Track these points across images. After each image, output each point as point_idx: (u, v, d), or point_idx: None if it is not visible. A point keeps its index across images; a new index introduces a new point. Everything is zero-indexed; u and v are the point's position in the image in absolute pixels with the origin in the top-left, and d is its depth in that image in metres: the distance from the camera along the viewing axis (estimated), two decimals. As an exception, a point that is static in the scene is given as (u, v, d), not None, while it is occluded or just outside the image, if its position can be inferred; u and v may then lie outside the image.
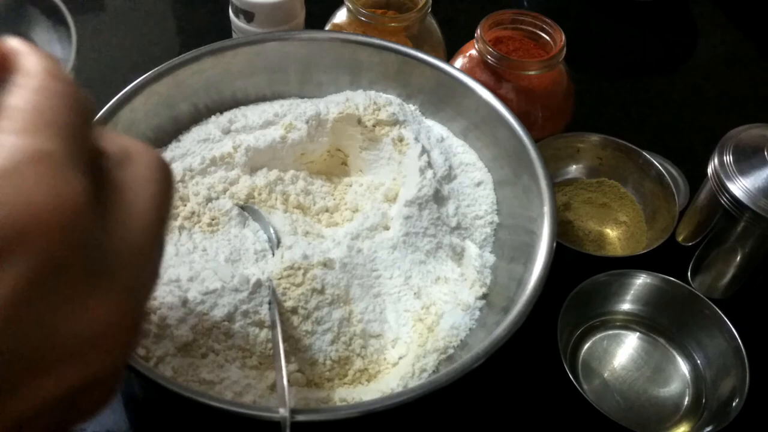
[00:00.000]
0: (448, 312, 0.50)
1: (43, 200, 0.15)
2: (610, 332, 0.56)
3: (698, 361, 0.54)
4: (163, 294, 0.48)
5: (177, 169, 0.55)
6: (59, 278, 0.16)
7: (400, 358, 0.48)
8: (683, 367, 0.54)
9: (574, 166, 0.65)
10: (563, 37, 0.62)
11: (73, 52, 0.50)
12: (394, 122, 0.58)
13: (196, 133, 0.58)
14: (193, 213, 0.53)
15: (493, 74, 0.62)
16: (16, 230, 0.15)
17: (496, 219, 0.56)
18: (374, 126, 0.58)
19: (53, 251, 0.16)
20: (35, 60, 0.19)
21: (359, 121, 0.58)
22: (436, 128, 0.61)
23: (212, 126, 0.58)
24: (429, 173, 0.54)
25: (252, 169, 0.56)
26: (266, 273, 0.49)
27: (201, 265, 0.50)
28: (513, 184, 0.55)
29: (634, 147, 0.63)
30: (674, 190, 0.60)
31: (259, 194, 0.55)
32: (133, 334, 0.18)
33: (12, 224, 0.15)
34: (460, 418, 0.51)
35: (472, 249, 0.53)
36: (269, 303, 0.48)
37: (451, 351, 0.48)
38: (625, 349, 0.55)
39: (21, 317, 0.15)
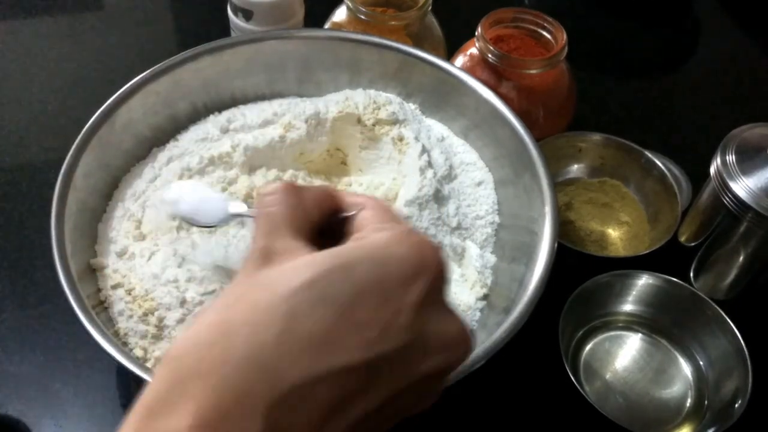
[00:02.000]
0: (448, 313, 0.49)
1: (429, 249, 0.26)
2: (612, 333, 0.56)
3: (701, 363, 0.54)
4: (161, 294, 0.47)
5: (175, 168, 0.54)
6: (436, 296, 0.25)
7: (400, 359, 0.48)
8: (685, 368, 0.54)
9: (576, 166, 0.65)
10: (564, 36, 0.62)
11: None
12: (394, 121, 0.57)
13: (195, 132, 0.57)
14: (191, 213, 0.52)
15: (494, 73, 0.62)
16: (420, 260, 0.25)
17: (496, 219, 0.55)
18: (374, 125, 0.57)
19: (435, 279, 0.25)
20: (363, 197, 0.30)
21: (359, 121, 0.58)
22: (436, 127, 0.60)
23: (210, 125, 0.58)
24: (429, 173, 0.54)
25: (251, 169, 0.56)
26: (265, 273, 0.49)
27: (199, 265, 0.49)
28: (514, 184, 0.54)
29: (636, 146, 0.63)
30: (677, 190, 0.60)
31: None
32: (468, 348, 0.26)
33: (417, 260, 0.25)
34: (461, 420, 0.51)
35: (472, 249, 0.53)
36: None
37: (451, 352, 0.48)
38: (627, 350, 0.55)
39: (419, 312, 0.24)
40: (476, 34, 0.62)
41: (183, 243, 0.51)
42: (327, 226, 0.30)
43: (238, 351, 0.22)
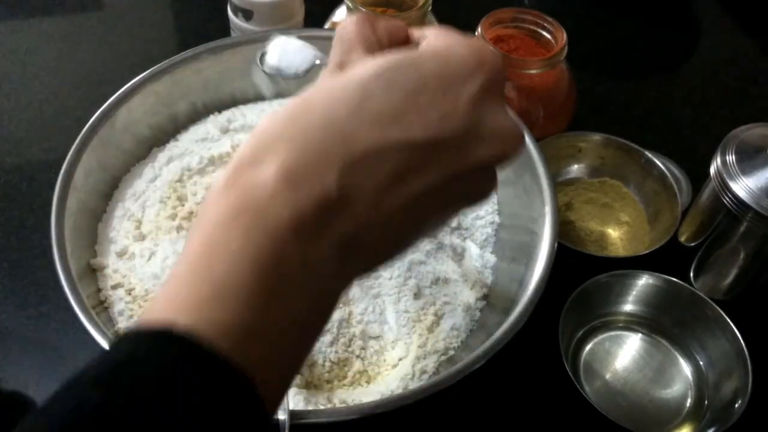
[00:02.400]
0: (448, 313, 0.49)
1: (488, 52, 0.28)
2: (612, 333, 0.56)
3: (700, 363, 0.54)
4: (161, 295, 0.47)
5: (175, 168, 0.55)
6: (492, 93, 0.28)
7: (399, 359, 0.48)
8: (685, 368, 0.54)
9: (576, 166, 0.65)
10: (564, 36, 0.62)
11: None
12: (394, 121, 0.57)
13: (195, 132, 0.57)
14: (191, 213, 0.52)
15: (494, 73, 0.62)
16: (479, 60, 0.28)
17: (497, 219, 0.55)
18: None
19: (492, 75, 0.28)
20: (429, 29, 0.32)
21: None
22: (436, 127, 0.60)
23: (210, 125, 0.58)
24: (429, 173, 0.54)
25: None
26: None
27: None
28: (514, 184, 0.54)
29: (636, 146, 0.63)
30: (677, 190, 0.60)
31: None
32: (520, 143, 0.28)
33: (477, 57, 0.28)
34: (461, 420, 0.51)
35: (472, 249, 0.53)
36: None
37: (451, 352, 0.48)
38: (627, 351, 0.55)
39: (476, 105, 0.27)
40: (476, 34, 0.62)
41: (183, 243, 0.51)
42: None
43: (318, 121, 0.25)
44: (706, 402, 0.52)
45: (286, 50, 0.48)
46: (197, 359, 0.22)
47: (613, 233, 0.61)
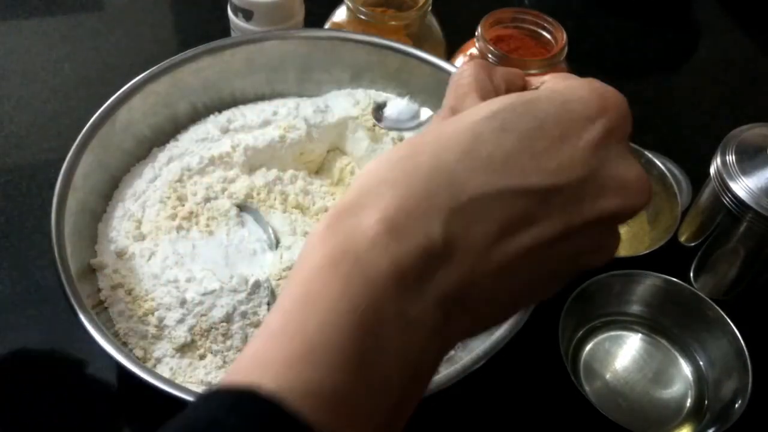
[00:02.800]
0: (448, 313, 0.49)
1: (613, 94, 0.27)
2: (612, 333, 0.56)
3: (701, 363, 0.54)
4: (161, 294, 0.48)
5: (175, 168, 0.55)
6: (616, 139, 0.26)
7: (400, 359, 0.48)
8: (685, 368, 0.54)
9: (576, 166, 0.65)
10: (564, 36, 0.62)
11: None
12: (394, 121, 0.57)
13: (195, 132, 0.57)
14: (191, 213, 0.52)
15: (494, 73, 0.62)
16: (602, 103, 0.26)
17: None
18: (374, 125, 0.57)
19: (616, 121, 0.26)
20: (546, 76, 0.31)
21: (359, 121, 0.58)
22: (436, 127, 0.60)
23: (211, 125, 0.58)
24: (429, 173, 0.54)
25: (251, 169, 0.56)
26: (265, 273, 0.49)
27: (199, 265, 0.49)
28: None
29: (636, 147, 0.63)
30: (677, 190, 0.60)
31: (258, 194, 0.54)
32: (646, 196, 0.26)
33: (600, 101, 0.26)
34: (461, 420, 0.51)
35: (472, 249, 0.53)
36: (268, 304, 0.48)
37: (451, 352, 0.48)
38: (627, 351, 0.55)
39: (597, 152, 0.25)
40: (476, 34, 0.62)
41: (183, 243, 0.51)
42: None
43: (425, 165, 0.24)
44: (706, 402, 0.52)
45: (399, 106, 0.50)
46: (280, 425, 0.21)
47: (613, 233, 0.61)
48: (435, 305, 0.23)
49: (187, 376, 0.46)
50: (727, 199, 0.52)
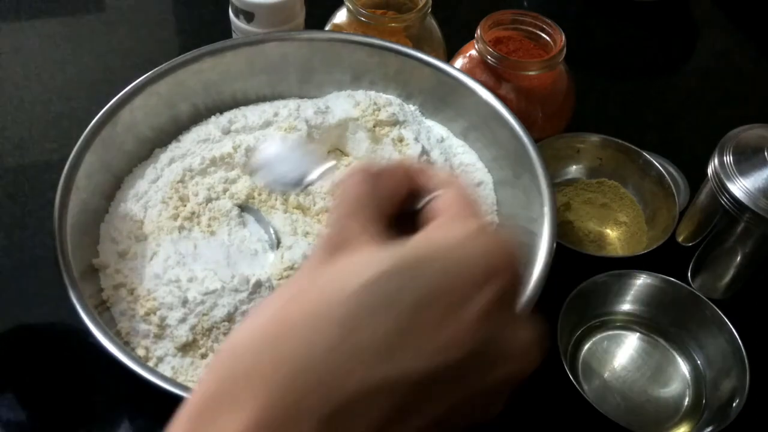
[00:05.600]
0: (448, 312, 0.49)
1: (503, 253, 0.24)
2: (611, 333, 0.56)
3: (698, 362, 0.54)
4: (163, 294, 0.48)
5: (177, 169, 0.55)
6: (508, 302, 0.24)
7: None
8: (683, 367, 0.54)
9: (574, 167, 0.65)
10: (563, 38, 0.62)
11: None
12: (394, 122, 0.58)
13: (196, 133, 0.58)
14: (192, 213, 0.53)
15: (493, 74, 0.62)
16: (492, 267, 0.23)
17: (496, 219, 0.56)
18: (374, 126, 0.58)
19: (505, 286, 0.24)
20: (445, 176, 0.28)
21: (359, 122, 0.58)
22: (436, 128, 0.61)
23: (212, 126, 0.58)
24: (429, 173, 0.54)
25: (252, 170, 0.56)
26: (266, 273, 0.49)
27: (201, 265, 0.50)
28: (513, 185, 0.55)
29: (634, 147, 0.63)
30: (674, 190, 0.60)
31: (259, 195, 0.55)
32: (535, 360, 0.25)
33: (488, 264, 0.23)
34: (460, 419, 0.51)
35: (472, 249, 0.53)
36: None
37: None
38: (625, 350, 0.55)
39: (484, 323, 0.23)
40: (475, 36, 0.62)
41: (184, 243, 0.51)
42: (406, 208, 0.28)
43: (293, 356, 0.21)
44: (704, 401, 0.52)
45: (280, 153, 0.38)
46: None
47: (612, 233, 0.62)
48: None
49: (189, 376, 0.46)
50: (725, 199, 0.52)
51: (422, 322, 0.22)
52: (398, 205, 0.28)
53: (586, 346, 0.55)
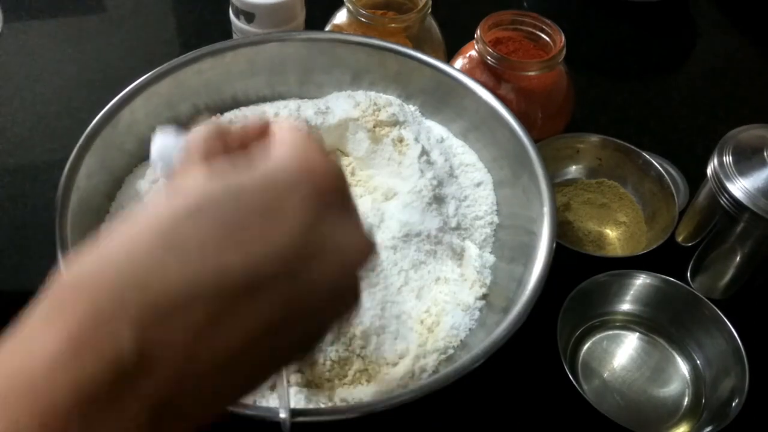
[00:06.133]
0: (448, 312, 0.50)
1: (316, 157, 0.26)
2: (610, 332, 0.56)
3: (698, 362, 0.54)
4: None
5: (177, 169, 0.55)
6: (327, 200, 0.25)
7: (400, 358, 0.48)
8: (683, 367, 0.55)
9: (574, 167, 0.66)
10: (563, 38, 0.62)
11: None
12: (394, 123, 0.58)
13: (197, 133, 0.58)
14: (193, 213, 0.53)
15: (493, 75, 0.62)
16: (305, 170, 0.25)
17: (495, 219, 0.56)
18: (374, 127, 0.58)
19: (322, 184, 0.25)
20: (284, 126, 0.29)
21: (359, 122, 0.58)
22: (436, 129, 0.61)
23: (212, 126, 0.58)
24: (429, 174, 0.54)
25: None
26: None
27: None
28: (513, 185, 0.55)
29: (633, 147, 0.63)
30: (674, 190, 0.60)
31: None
32: (366, 255, 0.26)
33: (301, 166, 0.25)
34: (460, 419, 0.51)
35: (472, 249, 0.53)
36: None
37: (451, 351, 0.48)
38: (624, 350, 0.55)
39: (309, 211, 0.24)
40: (475, 36, 0.62)
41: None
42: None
43: (116, 261, 0.22)
44: (703, 400, 0.52)
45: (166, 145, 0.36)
46: None
47: (611, 233, 0.62)
48: (140, 420, 0.20)
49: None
50: (724, 199, 0.52)
51: (242, 222, 0.23)
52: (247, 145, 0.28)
53: (586, 346, 0.55)
